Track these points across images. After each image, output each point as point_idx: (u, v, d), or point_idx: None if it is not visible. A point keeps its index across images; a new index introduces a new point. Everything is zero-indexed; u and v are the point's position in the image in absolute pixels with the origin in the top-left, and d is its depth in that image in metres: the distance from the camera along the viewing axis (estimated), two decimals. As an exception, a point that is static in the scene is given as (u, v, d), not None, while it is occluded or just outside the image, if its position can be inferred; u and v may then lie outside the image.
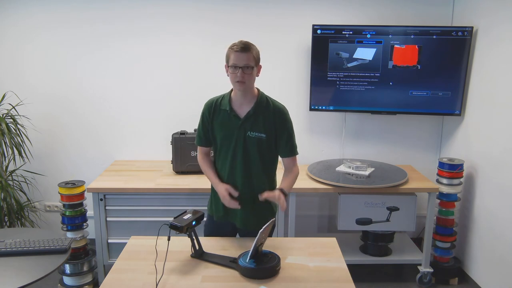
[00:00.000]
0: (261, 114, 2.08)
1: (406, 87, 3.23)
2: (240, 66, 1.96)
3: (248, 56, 1.97)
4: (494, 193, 2.85)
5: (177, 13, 3.32)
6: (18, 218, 3.22)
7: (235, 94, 2.11)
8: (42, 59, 3.40)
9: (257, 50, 2.04)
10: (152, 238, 2.07)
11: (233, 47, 1.98)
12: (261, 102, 2.10)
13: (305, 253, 1.99)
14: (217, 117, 2.12)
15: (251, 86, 2.09)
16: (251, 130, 2.08)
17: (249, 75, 2.00)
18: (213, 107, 2.13)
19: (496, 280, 2.83)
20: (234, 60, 1.97)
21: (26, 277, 1.84)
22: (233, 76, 2.00)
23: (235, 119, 2.08)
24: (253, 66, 2.00)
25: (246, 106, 2.09)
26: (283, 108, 2.15)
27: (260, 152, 2.10)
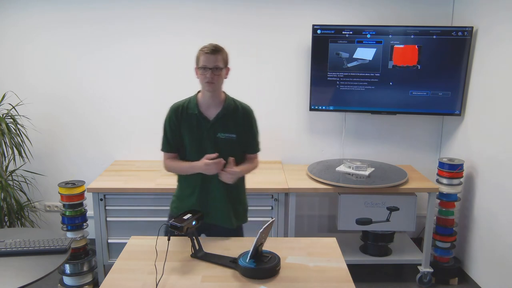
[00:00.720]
0: (230, 115, 2.13)
1: (406, 87, 3.23)
2: (210, 67, 2.03)
3: (217, 58, 2.04)
4: (494, 193, 2.85)
5: (177, 13, 3.32)
6: (18, 218, 3.22)
7: (202, 97, 2.14)
8: (42, 59, 3.40)
9: (226, 53, 2.12)
10: (152, 238, 2.07)
11: (204, 49, 2.04)
12: (229, 103, 2.15)
13: (305, 253, 1.98)
14: (184, 121, 2.13)
15: (220, 88, 2.14)
16: (221, 132, 2.12)
17: (218, 76, 2.06)
18: (180, 111, 2.14)
19: (496, 280, 2.83)
20: (204, 61, 2.03)
21: (26, 277, 1.84)
22: (202, 77, 2.05)
23: (204, 121, 2.11)
24: (222, 67, 2.07)
25: (214, 109, 2.13)
26: (250, 108, 2.22)
27: (231, 152, 2.13)
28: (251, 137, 2.22)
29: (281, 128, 3.52)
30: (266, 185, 2.95)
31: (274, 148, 3.55)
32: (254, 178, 3.08)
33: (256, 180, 3.05)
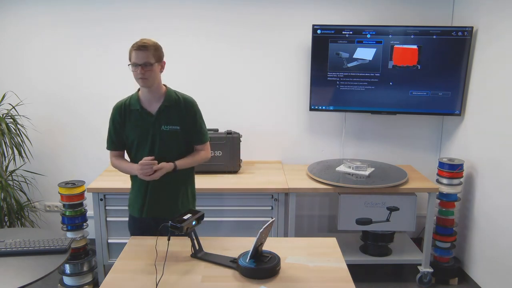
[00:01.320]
0: (173, 107, 2.17)
1: (406, 87, 3.23)
2: (140, 63, 2.04)
3: (146, 54, 2.05)
4: (494, 193, 2.85)
5: (177, 13, 3.33)
6: (18, 218, 3.22)
7: (143, 93, 2.18)
8: (42, 59, 3.40)
9: (157, 47, 2.12)
10: (152, 238, 2.07)
11: (133, 46, 2.07)
12: (170, 96, 2.19)
13: (305, 253, 1.98)
14: (129, 119, 2.17)
15: (156, 82, 2.14)
16: (165, 124, 2.16)
17: (149, 71, 2.07)
18: (123, 109, 2.18)
19: (496, 280, 2.83)
20: (133, 58, 2.06)
21: (26, 277, 1.84)
22: (135, 73, 2.08)
23: (148, 116, 2.15)
24: (152, 63, 2.07)
25: (156, 103, 2.16)
26: (192, 100, 2.25)
27: (177, 144, 2.20)
28: (196, 128, 2.25)
29: (281, 128, 3.52)
30: (266, 185, 2.95)
31: (274, 148, 3.56)
32: (254, 178, 3.09)
33: (256, 180, 3.05)
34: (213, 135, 3.15)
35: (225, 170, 3.18)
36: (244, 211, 3.00)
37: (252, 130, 3.47)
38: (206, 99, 3.47)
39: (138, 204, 2.25)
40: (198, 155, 2.29)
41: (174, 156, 2.19)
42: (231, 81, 3.46)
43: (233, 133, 3.17)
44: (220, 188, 2.93)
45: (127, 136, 2.19)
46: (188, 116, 2.21)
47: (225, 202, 2.99)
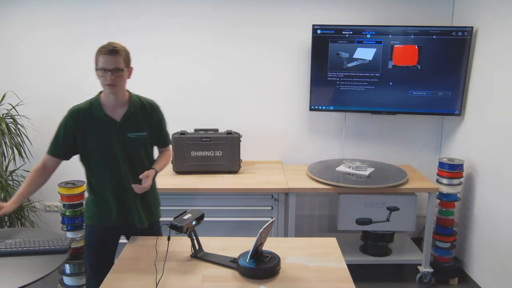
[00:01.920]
0: (138, 113, 2.09)
1: (406, 87, 3.23)
2: (109, 69, 1.93)
3: (117, 58, 1.94)
4: (494, 193, 2.85)
5: (177, 12, 3.32)
6: (18, 218, 3.22)
7: (106, 99, 2.04)
8: (42, 59, 3.40)
9: (126, 52, 2.02)
10: (152, 238, 2.07)
11: (101, 50, 1.93)
12: (134, 102, 2.09)
13: (305, 253, 1.98)
14: (89, 125, 2.02)
15: (123, 89, 2.05)
16: (131, 132, 2.06)
17: (119, 78, 1.96)
18: (82, 115, 2.02)
19: (496, 280, 2.83)
20: (102, 63, 1.93)
21: (26, 277, 1.84)
22: (103, 79, 1.95)
23: (112, 123, 2.03)
24: (122, 68, 1.97)
25: (120, 109, 2.05)
26: (156, 104, 2.19)
27: (144, 150, 2.13)
28: (163, 132, 2.22)
29: (281, 128, 3.52)
30: (266, 185, 2.95)
31: (274, 148, 3.56)
32: (254, 178, 3.09)
33: (256, 180, 3.05)
34: (213, 135, 3.15)
35: (225, 170, 3.18)
36: (244, 211, 3.00)
37: (252, 130, 3.47)
38: (206, 99, 3.48)
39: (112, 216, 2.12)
40: (168, 157, 2.29)
41: (141, 163, 2.12)
42: (231, 81, 3.46)
43: (233, 133, 3.17)
44: (220, 188, 2.92)
45: (86, 145, 2.04)
46: (155, 120, 2.15)
47: (225, 202, 2.99)
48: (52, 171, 2.12)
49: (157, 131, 2.19)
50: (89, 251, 2.21)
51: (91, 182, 2.14)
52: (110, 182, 2.09)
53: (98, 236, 2.18)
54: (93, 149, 2.05)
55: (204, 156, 3.15)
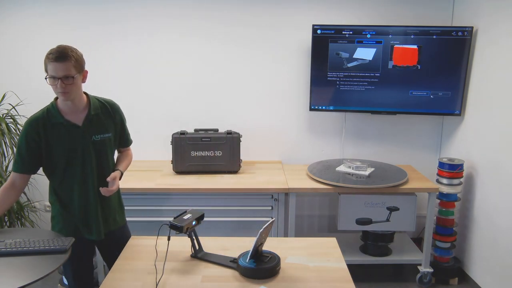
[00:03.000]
0: (100, 114, 2.02)
1: (406, 87, 3.23)
2: (59, 77, 1.80)
3: (66, 65, 1.80)
4: (494, 193, 2.85)
5: (177, 13, 3.32)
6: (18, 218, 3.22)
7: (63, 104, 1.94)
8: (42, 59, 3.39)
9: (77, 56, 1.87)
10: (152, 238, 2.07)
11: (49, 56, 1.80)
12: (94, 103, 2.02)
13: (305, 253, 1.99)
14: (51, 134, 1.92)
15: (79, 94, 1.94)
16: (95, 134, 1.99)
17: (71, 85, 1.84)
18: (41, 124, 1.91)
19: (496, 280, 2.83)
20: (51, 71, 1.80)
21: (26, 277, 1.83)
22: (54, 87, 1.84)
23: (74, 128, 1.94)
24: (73, 75, 1.84)
25: (81, 113, 1.97)
26: (115, 103, 2.13)
27: (110, 151, 2.09)
28: (125, 132, 2.20)
29: (281, 128, 3.52)
30: (266, 185, 2.95)
31: (274, 148, 3.56)
32: (254, 178, 3.09)
33: (256, 180, 3.05)
34: (213, 135, 3.15)
35: (225, 170, 3.18)
36: (244, 211, 3.00)
37: (252, 130, 3.47)
38: (206, 99, 3.48)
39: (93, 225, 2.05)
40: (129, 156, 2.28)
41: (108, 165, 2.08)
42: (231, 81, 3.46)
43: (233, 133, 3.17)
44: (220, 188, 2.92)
45: (50, 155, 1.94)
46: (117, 120, 2.10)
47: (225, 202, 2.99)
48: (23, 188, 2.02)
49: (120, 131, 2.15)
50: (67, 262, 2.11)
51: (57, 193, 2.05)
52: (78, 189, 2.01)
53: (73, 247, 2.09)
54: (58, 158, 1.95)
55: (204, 156, 3.15)
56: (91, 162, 2.00)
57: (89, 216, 2.06)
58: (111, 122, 2.08)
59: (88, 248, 2.16)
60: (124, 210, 2.28)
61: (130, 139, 2.28)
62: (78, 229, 2.08)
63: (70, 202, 2.04)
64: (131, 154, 2.31)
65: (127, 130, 2.23)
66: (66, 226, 2.07)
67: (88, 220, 2.06)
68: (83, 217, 2.06)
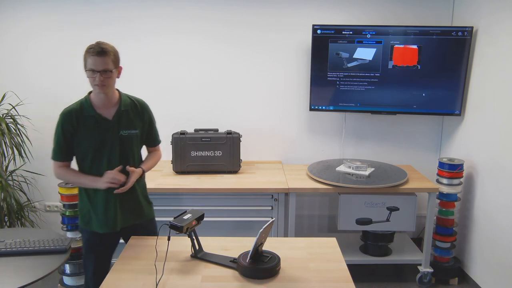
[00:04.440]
0: (129, 111, 2.12)
1: (406, 87, 3.23)
2: (98, 70, 1.94)
3: (105, 60, 1.94)
4: (494, 193, 2.85)
5: (176, 13, 3.32)
6: (18, 218, 3.22)
7: (96, 98, 2.07)
8: (42, 59, 3.40)
9: (115, 52, 2.01)
10: (152, 238, 2.07)
11: (90, 51, 1.94)
12: (125, 100, 2.12)
13: (305, 253, 1.99)
14: (82, 125, 2.04)
15: (113, 88, 2.07)
16: (123, 129, 2.09)
17: (108, 79, 1.98)
18: (74, 116, 2.04)
19: (496, 280, 2.83)
20: (91, 64, 1.94)
21: (26, 277, 1.84)
22: (92, 80, 1.98)
23: (104, 122, 2.06)
24: (111, 69, 1.97)
25: (112, 108, 2.08)
26: (145, 102, 2.22)
27: (136, 147, 2.17)
28: (153, 130, 2.27)
29: (281, 128, 3.52)
30: (266, 185, 2.95)
31: (274, 148, 3.56)
32: (254, 178, 3.09)
33: (256, 180, 3.05)
34: (213, 135, 3.15)
35: (225, 170, 3.18)
36: (244, 211, 3.00)
37: (252, 130, 3.47)
38: (206, 99, 3.48)
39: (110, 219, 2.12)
40: (157, 157, 2.32)
41: (134, 160, 2.15)
42: (231, 81, 3.46)
43: (233, 133, 3.18)
44: (220, 188, 2.92)
45: (80, 145, 2.05)
46: (145, 118, 2.19)
47: (225, 202, 2.99)
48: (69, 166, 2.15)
49: (148, 129, 2.22)
50: (88, 254, 2.22)
51: None
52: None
53: (96, 240, 2.19)
54: (87, 149, 2.05)
55: (204, 156, 3.15)
56: (116, 155, 2.08)
57: (108, 209, 2.11)
58: (139, 120, 2.16)
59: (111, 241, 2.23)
60: (152, 206, 2.33)
61: (158, 139, 2.33)
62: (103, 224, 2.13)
63: (96, 195, 2.11)
64: (160, 154, 2.35)
65: (155, 129, 2.29)
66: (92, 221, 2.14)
67: (107, 213, 2.12)
68: (109, 211, 2.11)
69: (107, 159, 2.07)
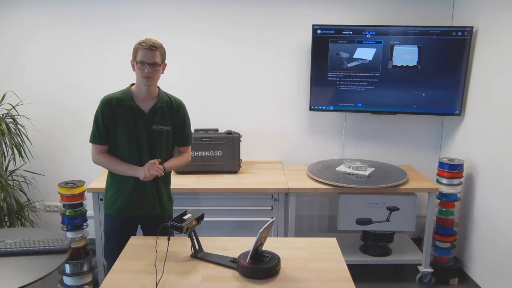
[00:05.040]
0: (165, 108, 2.22)
1: (406, 87, 3.23)
2: (148, 63, 2.08)
3: (156, 54, 2.09)
4: (494, 193, 2.85)
5: (177, 13, 3.33)
6: (18, 218, 3.22)
7: (137, 90, 2.18)
8: (42, 59, 3.40)
9: (164, 49, 2.18)
10: (152, 238, 2.07)
11: (142, 44, 2.09)
12: (163, 97, 2.23)
13: (305, 253, 1.99)
14: (120, 114, 2.16)
15: (156, 83, 2.20)
16: (156, 124, 2.19)
17: (156, 72, 2.12)
18: (114, 103, 2.16)
19: (496, 280, 2.83)
20: (142, 57, 2.08)
21: (26, 277, 1.84)
22: (140, 71, 2.10)
23: (140, 113, 2.17)
24: (160, 63, 2.12)
25: (150, 101, 2.19)
26: (182, 103, 2.32)
27: (166, 143, 2.25)
28: (185, 130, 2.32)
29: (281, 128, 3.52)
30: (266, 185, 2.95)
31: (274, 148, 3.56)
32: (254, 178, 3.09)
33: (256, 180, 3.05)
34: (213, 135, 3.15)
35: (225, 170, 3.18)
36: (244, 211, 3.00)
37: (252, 130, 3.47)
38: (206, 99, 3.48)
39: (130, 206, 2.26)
40: (184, 158, 2.37)
41: (161, 156, 2.23)
42: (231, 81, 3.46)
43: (233, 133, 3.18)
44: (220, 188, 2.93)
45: (114, 132, 2.18)
46: (179, 118, 2.28)
47: (225, 202, 2.99)
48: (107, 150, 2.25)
49: (180, 128, 2.30)
50: (109, 240, 2.33)
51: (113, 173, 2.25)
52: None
53: (117, 225, 2.29)
54: (120, 137, 2.17)
55: (204, 156, 3.15)
56: (146, 148, 2.18)
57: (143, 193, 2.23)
58: (173, 118, 2.25)
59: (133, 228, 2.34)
60: (172, 204, 2.42)
61: (190, 140, 2.38)
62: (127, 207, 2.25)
63: (124, 181, 2.22)
64: (188, 156, 2.40)
65: (188, 130, 2.35)
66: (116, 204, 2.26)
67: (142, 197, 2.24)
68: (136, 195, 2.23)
69: (138, 150, 2.18)
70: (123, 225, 2.29)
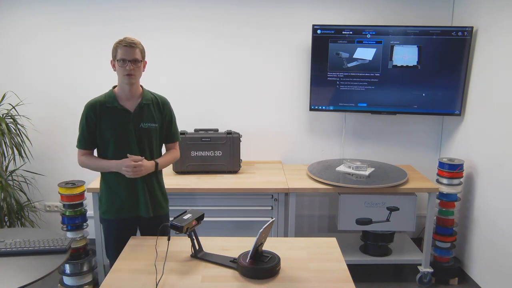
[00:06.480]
0: (150, 105, 2.23)
1: (406, 87, 3.23)
2: (129, 59, 2.10)
3: (135, 51, 2.12)
4: (494, 193, 2.85)
5: (177, 13, 3.33)
6: (18, 218, 3.22)
7: (121, 90, 2.21)
8: (42, 60, 3.40)
9: (143, 46, 2.20)
10: (152, 238, 2.07)
11: (121, 42, 2.12)
12: (147, 94, 2.25)
13: (305, 253, 1.99)
14: (104, 116, 2.17)
15: (138, 81, 2.22)
16: (144, 122, 2.20)
17: (137, 68, 2.14)
18: (98, 107, 2.17)
19: (496, 280, 2.83)
20: (122, 54, 2.10)
21: (26, 277, 1.84)
22: (122, 69, 2.12)
23: (126, 113, 2.18)
24: (140, 60, 2.15)
25: (134, 100, 2.20)
26: (166, 99, 2.33)
27: (155, 141, 2.26)
28: (172, 127, 2.34)
29: (281, 128, 3.52)
30: (266, 185, 2.95)
31: (274, 148, 3.56)
32: (254, 178, 3.09)
33: (256, 180, 3.05)
34: (213, 135, 3.15)
35: (225, 170, 3.18)
36: (244, 211, 3.00)
37: (252, 130, 3.47)
38: (206, 99, 3.48)
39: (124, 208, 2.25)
40: (173, 154, 2.39)
41: (151, 154, 2.25)
42: (231, 81, 3.46)
43: (233, 133, 3.18)
44: (220, 188, 2.92)
45: (102, 135, 2.18)
46: (165, 115, 2.29)
47: (225, 202, 2.99)
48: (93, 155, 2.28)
49: (167, 125, 2.31)
50: (109, 244, 2.34)
51: (106, 174, 2.25)
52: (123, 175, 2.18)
53: (115, 229, 2.29)
54: (109, 139, 2.17)
55: (204, 156, 3.15)
56: (136, 147, 2.19)
57: (136, 195, 2.24)
58: (159, 115, 2.26)
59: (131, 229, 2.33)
60: (168, 202, 2.42)
61: (177, 136, 2.40)
62: (123, 209, 2.25)
63: (118, 183, 2.22)
64: (176, 153, 2.42)
65: (174, 126, 2.37)
66: (111, 208, 2.26)
67: (136, 199, 2.24)
68: (129, 197, 2.24)
69: (128, 151, 2.16)
70: (121, 227, 2.29)
